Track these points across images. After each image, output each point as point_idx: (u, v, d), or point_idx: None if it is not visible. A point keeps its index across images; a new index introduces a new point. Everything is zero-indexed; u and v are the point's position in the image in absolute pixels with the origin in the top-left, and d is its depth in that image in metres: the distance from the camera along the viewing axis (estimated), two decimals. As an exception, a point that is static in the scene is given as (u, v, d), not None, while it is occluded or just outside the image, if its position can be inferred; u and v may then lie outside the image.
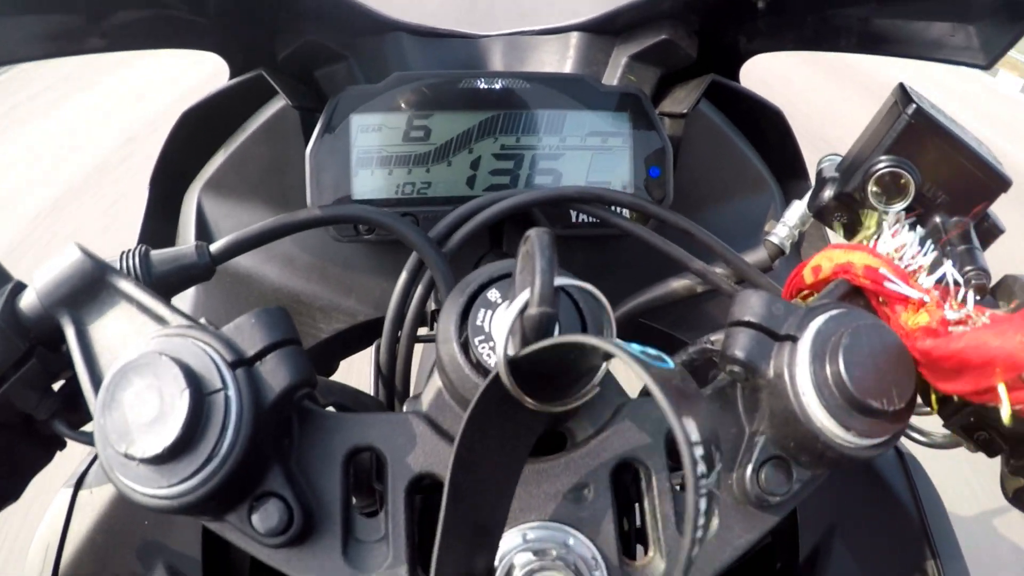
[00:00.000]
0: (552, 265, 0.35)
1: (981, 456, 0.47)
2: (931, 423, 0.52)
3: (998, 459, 0.48)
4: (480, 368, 0.40)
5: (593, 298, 0.40)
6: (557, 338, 0.33)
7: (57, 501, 0.59)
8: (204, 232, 0.69)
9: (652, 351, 0.31)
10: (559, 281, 0.35)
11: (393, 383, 0.56)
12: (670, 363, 0.31)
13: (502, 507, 0.39)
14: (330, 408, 0.55)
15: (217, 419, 0.36)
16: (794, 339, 0.39)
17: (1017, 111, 5.95)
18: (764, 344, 0.40)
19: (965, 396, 0.40)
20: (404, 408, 0.47)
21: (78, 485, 0.59)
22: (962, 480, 2.00)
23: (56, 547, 0.56)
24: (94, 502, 0.58)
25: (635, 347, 0.31)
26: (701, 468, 0.26)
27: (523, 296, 0.35)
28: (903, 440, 0.59)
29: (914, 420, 0.54)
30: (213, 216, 0.69)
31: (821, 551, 0.61)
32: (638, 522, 0.46)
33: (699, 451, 0.26)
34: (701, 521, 0.26)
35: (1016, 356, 0.35)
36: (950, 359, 0.37)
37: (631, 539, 0.50)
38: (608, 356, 0.35)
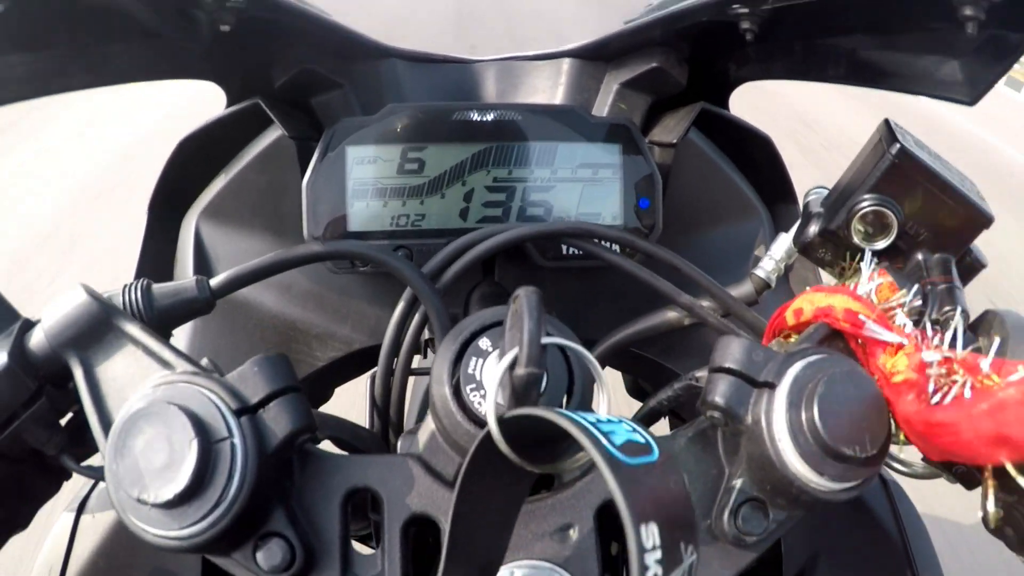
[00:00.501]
0: (539, 327, 0.36)
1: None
2: (911, 452, 0.53)
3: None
4: (471, 415, 0.42)
5: (582, 357, 0.42)
6: (536, 410, 0.34)
7: (59, 525, 0.60)
8: (202, 258, 0.70)
9: (640, 439, 0.31)
10: (547, 340, 0.37)
11: (388, 415, 0.57)
12: (654, 454, 0.31)
13: (500, 548, 0.40)
14: (327, 442, 0.57)
15: (224, 466, 0.38)
16: (772, 386, 0.41)
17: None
18: (743, 391, 0.41)
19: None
20: (399, 444, 0.48)
21: (80, 509, 0.61)
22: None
23: (59, 571, 0.58)
24: (96, 526, 0.59)
25: (622, 430, 0.31)
26: (653, 572, 0.26)
27: (511, 354, 0.37)
28: (885, 468, 0.60)
29: (895, 450, 0.55)
30: (211, 242, 0.71)
31: None
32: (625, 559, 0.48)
33: (654, 556, 0.26)
34: None
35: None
36: (935, 430, 0.38)
37: (617, 573, 0.52)
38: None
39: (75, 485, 0.63)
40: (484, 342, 0.42)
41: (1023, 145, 5.17)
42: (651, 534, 0.27)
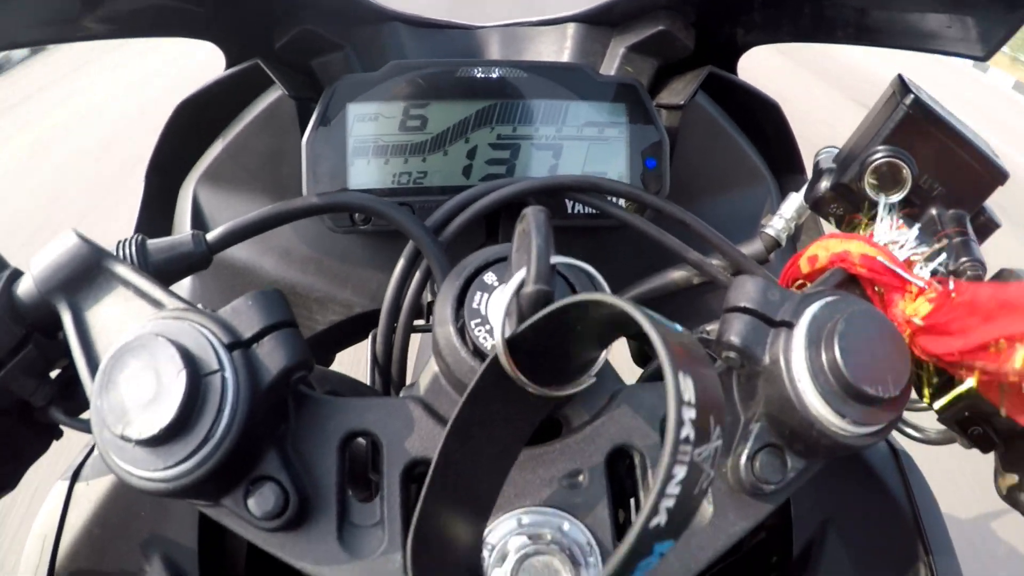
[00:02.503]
0: (548, 242, 0.35)
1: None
2: (925, 419, 0.52)
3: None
4: (477, 352, 0.40)
5: (591, 281, 0.40)
6: (561, 301, 0.32)
7: (54, 493, 0.59)
8: (200, 223, 0.69)
9: (661, 318, 0.30)
10: (555, 260, 0.35)
11: (390, 373, 0.56)
12: (679, 329, 0.30)
13: (492, 489, 0.39)
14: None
15: (214, 400, 0.36)
16: (790, 325, 0.39)
17: (1010, 108, 5.97)
18: (760, 330, 0.40)
19: (965, 357, 0.39)
20: (401, 393, 0.47)
21: (74, 477, 0.59)
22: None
23: (53, 539, 0.56)
24: (90, 494, 0.57)
25: (656, 315, 0.30)
26: (687, 431, 0.24)
27: (519, 274, 0.35)
28: (897, 436, 0.59)
29: (909, 416, 0.54)
30: (209, 207, 0.69)
31: (815, 546, 0.61)
32: (634, 509, 0.46)
33: (690, 413, 0.24)
34: (675, 491, 0.24)
35: None
36: (961, 308, 0.38)
37: (625, 528, 0.50)
38: (610, 330, 0.34)
39: (71, 454, 0.62)
40: (489, 276, 0.41)
41: (996, 129, 5.22)
42: (688, 387, 0.25)
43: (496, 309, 0.37)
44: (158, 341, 0.36)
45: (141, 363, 0.36)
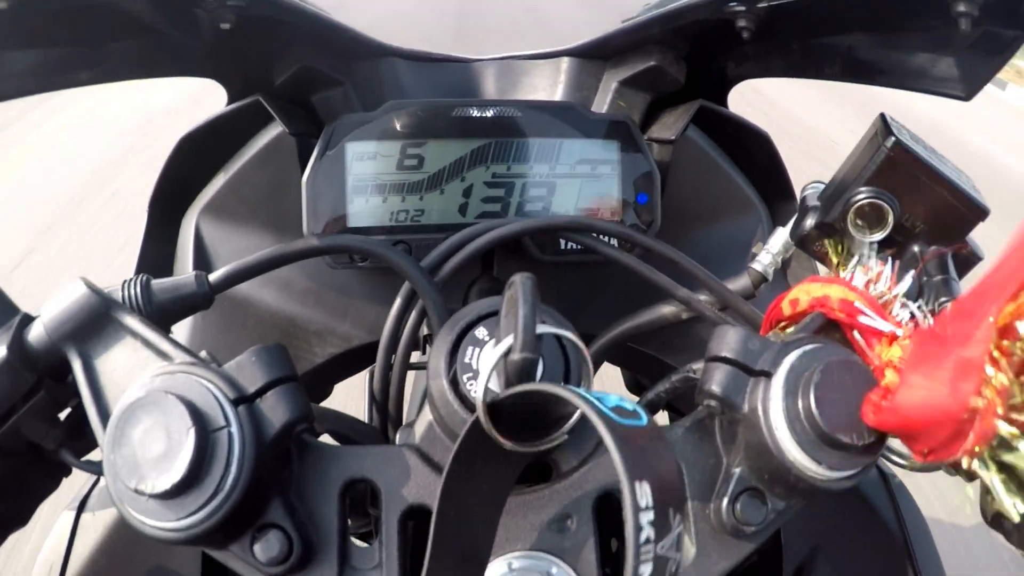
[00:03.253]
0: (534, 312, 0.36)
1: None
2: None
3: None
4: (468, 404, 0.42)
5: (575, 346, 0.42)
6: (529, 385, 0.35)
7: (60, 524, 0.60)
8: (202, 255, 0.70)
9: (629, 406, 0.32)
10: (541, 329, 0.37)
11: (387, 409, 0.57)
12: (643, 419, 0.31)
13: (488, 535, 0.40)
14: (326, 436, 0.57)
15: (221, 455, 0.38)
16: (768, 375, 0.41)
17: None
18: (740, 379, 0.41)
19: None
20: (397, 437, 0.49)
21: (81, 508, 0.61)
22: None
23: (59, 569, 0.58)
24: (96, 525, 0.59)
25: (611, 399, 0.31)
26: (647, 534, 0.26)
27: (507, 341, 0.37)
28: (885, 462, 0.60)
29: (893, 443, 0.55)
30: (211, 240, 0.71)
31: (804, 572, 0.62)
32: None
33: (648, 516, 0.26)
34: None
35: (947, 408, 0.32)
36: (898, 424, 0.37)
37: (616, 567, 0.52)
38: None
39: (76, 485, 0.63)
40: (481, 331, 0.43)
41: (1009, 144, 5.21)
42: (644, 493, 0.27)
43: (486, 365, 0.38)
44: (167, 399, 0.38)
45: (151, 419, 0.38)
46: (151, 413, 0.38)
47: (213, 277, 0.54)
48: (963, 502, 0.42)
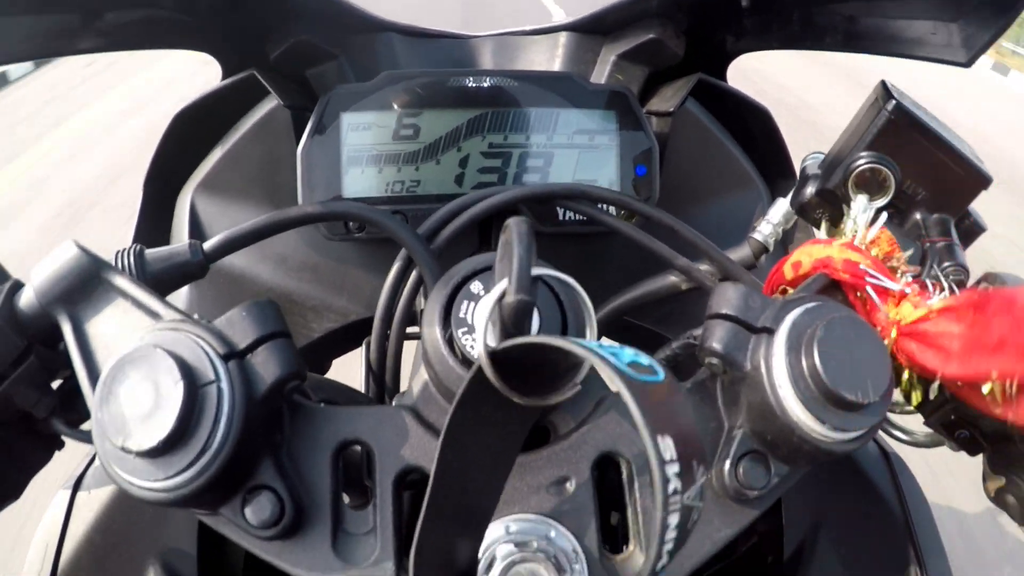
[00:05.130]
0: (530, 253, 0.35)
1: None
2: (914, 422, 0.53)
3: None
4: (464, 360, 0.41)
5: (574, 292, 0.41)
6: (536, 338, 0.33)
7: (56, 502, 0.60)
8: (198, 232, 0.70)
9: (644, 361, 0.31)
10: (537, 271, 0.36)
11: (383, 380, 0.57)
12: (660, 375, 0.30)
13: (489, 498, 0.39)
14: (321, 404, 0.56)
15: (210, 411, 0.37)
16: (770, 331, 0.40)
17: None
18: (741, 337, 0.41)
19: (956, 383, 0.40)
20: (394, 401, 0.48)
21: (76, 486, 0.60)
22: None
23: (55, 547, 0.57)
24: (92, 503, 0.58)
25: (626, 354, 0.31)
26: (674, 485, 0.26)
27: (501, 285, 0.36)
28: (887, 438, 0.59)
29: (896, 419, 0.55)
30: (207, 216, 0.70)
31: (806, 549, 0.62)
32: (621, 515, 0.47)
33: (673, 469, 0.26)
34: (672, 535, 0.26)
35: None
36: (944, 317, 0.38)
37: (615, 532, 0.51)
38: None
39: (72, 463, 0.63)
40: (476, 285, 0.42)
41: (1011, 131, 5.23)
42: (667, 447, 0.26)
43: (482, 317, 0.38)
44: (156, 353, 0.37)
45: (140, 375, 0.37)
46: (139, 368, 0.37)
47: (208, 245, 0.53)
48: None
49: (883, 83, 0.55)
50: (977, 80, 6.59)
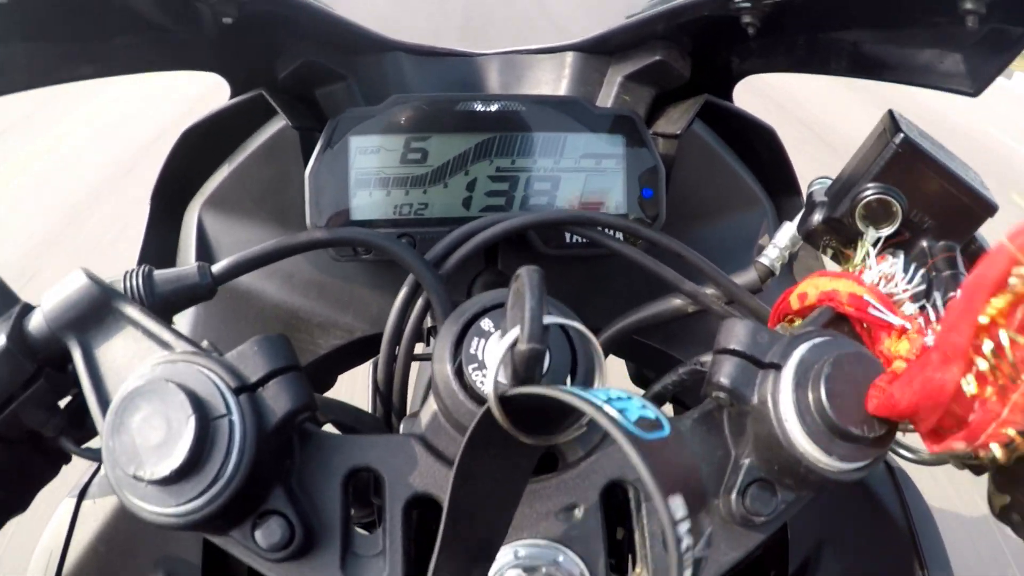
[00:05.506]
0: (541, 304, 0.36)
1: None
2: (918, 440, 0.53)
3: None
4: (473, 394, 0.41)
5: (585, 338, 0.42)
6: (546, 389, 0.34)
7: (60, 511, 0.60)
8: (205, 248, 0.70)
9: (651, 414, 0.31)
10: (549, 320, 0.37)
11: (391, 400, 0.57)
12: (666, 429, 0.31)
13: (500, 526, 0.40)
14: (329, 426, 0.57)
15: (222, 443, 0.38)
16: (778, 367, 0.40)
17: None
18: (749, 372, 0.41)
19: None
20: (401, 427, 0.48)
21: (81, 495, 0.60)
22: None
23: (59, 556, 0.58)
24: (97, 512, 0.59)
25: (633, 408, 0.31)
26: (686, 543, 0.26)
27: (513, 332, 0.36)
28: (892, 455, 0.60)
29: (901, 437, 0.55)
30: (214, 232, 0.71)
31: (811, 564, 0.62)
32: (628, 540, 0.48)
33: (685, 527, 0.26)
34: None
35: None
36: (896, 409, 0.37)
37: (622, 556, 0.51)
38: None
39: (77, 472, 0.63)
40: (486, 323, 0.43)
41: (1016, 132, 5.23)
42: (678, 506, 0.27)
43: (492, 357, 0.38)
44: (168, 387, 0.38)
45: (151, 407, 0.37)
46: (151, 401, 0.38)
47: (216, 268, 0.53)
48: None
49: (891, 113, 0.55)
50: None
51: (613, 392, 0.33)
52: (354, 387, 0.99)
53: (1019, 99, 6.49)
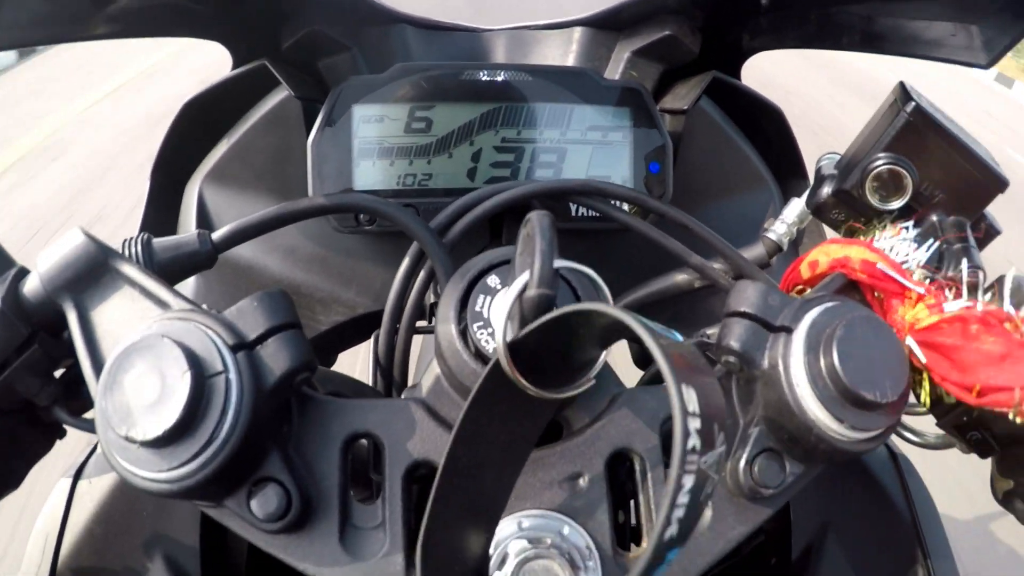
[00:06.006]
0: (552, 247, 0.35)
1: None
2: (924, 424, 0.53)
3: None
4: (479, 355, 0.40)
5: (593, 286, 0.41)
6: (562, 309, 0.33)
7: (56, 491, 0.59)
8: (205, 222, 0.69)
9: (661, 327, 0.30)
10: (559, 264, 0.36)
11: (392, 373, 0.56)
12: (679, 338, 0.30)
13: (501, 493, 0.39)
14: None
15: (218, 402, 0.36)
16: (789, 330, 0.40)
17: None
18: (759, 335, 0.40)
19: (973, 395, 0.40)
20: (403, 395, 0.47)
21: (77, 475, 0.59)
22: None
23: (55, 537, 0.57)
24: (93, 492, 0.58)
25: (654, 323, 0.30)
26: (694, 442, 0.25)
27: (523, 278, 0.36)
28: (896, 440, 0.59)
29: (907, 420, 0.55)
30: (215, 206, 0.70)
31: (814, 550, 0.61)
32: (634, 513, 0.47)
33: (695, 423, 0.25)
34: (684, 499, 0.25)
35: None
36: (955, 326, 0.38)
37: (627, 529, 0.51)
38: (610, 334, 0.35)
39: (74, 450, 0.62)
40: (492, 279, 0.41)
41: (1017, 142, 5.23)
42: (691, 399, 0.25)
43: (499, 312, 0.37)
44: (163, 342, 0.36)
45: (146, 364, 0.36)
46: (146, 357, 0.36)
47: (216, 235, 0.52)
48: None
49: (901, 84, 0.54)
50: (982, 91, 6.59)
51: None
52: (354, 368, 0.98)
53: (1020, 108, 6.49)
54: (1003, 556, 1.93)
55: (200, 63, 4.75)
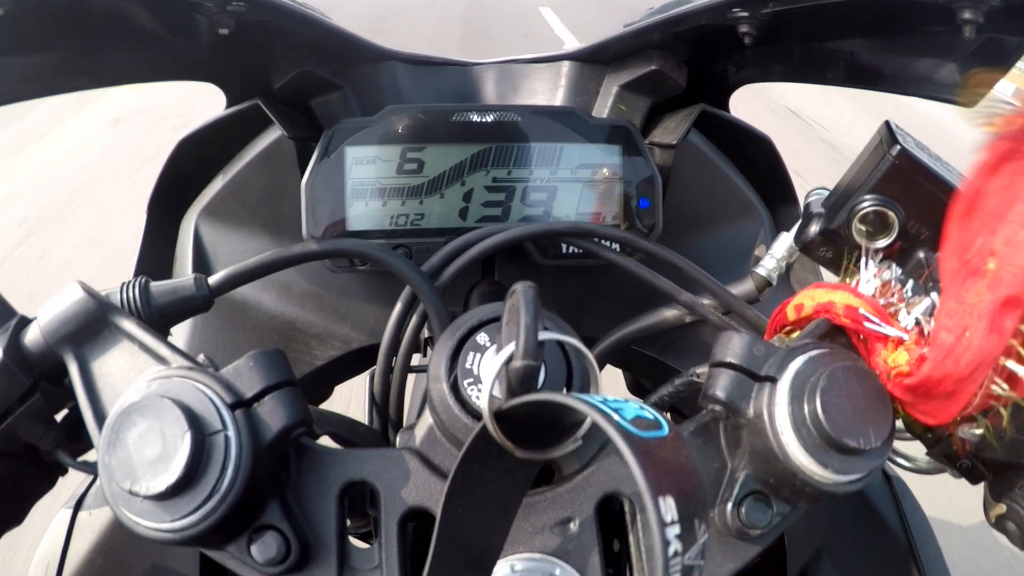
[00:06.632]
0: (536, 320, 0.36)
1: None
2: (916, 448, 0.53)
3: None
4: (469, 409, 0.41)
5: (579, 352, 0.42)
6: (541, 395, 0.34)
7: (56, 522, 0.60)
8: (201, 258, 0.70)
9: (649, 416, 0.31)
10: (543, 336, 0.37)
11: (387, 412, 0.57)
12: (664, 429, 0.31)
13: (495, 541, 0.40)
14: (326, 438, 0.57)
15: (218, 458, 0.38)
16: (774, 380, 0.40)
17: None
18: (744, 385, 0.41)
19: (947, 424, 0.41)
20: (398, 440, 0.48)
21: (77, 506, 0.60)
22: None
23: (56, 568, 0.57)
24: (93, 523, 0.59)
25: (629, 409, 0.31)
26: (675, 548, 0.26)
27: (508, 348, 0.37)
28: (889, 464, 0.60)
29: (899, 445, 0.55)
30: (210, 242, 0.70)
31: (809, 573, 0.62)
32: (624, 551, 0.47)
33: (674, 531, 0.26)
34: None
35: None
36: (921, 387, 0.39)
37: (619, 570, 0.51)
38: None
39: (73, 483, 0.63)
40: (482, 337, 0.43)
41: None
42: (669, 508, 0.26)
43: (487, 372, 0.38)
44: (163, 403, 0.38)
45: (147, 423, 0.37)
46: (147, 416, 0.38)
47: (212, 280, 0.53)
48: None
49: (887, 124, 0.55)
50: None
51: (610, 398, 0.33)
52: (351, 397, 0.99)
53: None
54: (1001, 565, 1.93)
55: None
